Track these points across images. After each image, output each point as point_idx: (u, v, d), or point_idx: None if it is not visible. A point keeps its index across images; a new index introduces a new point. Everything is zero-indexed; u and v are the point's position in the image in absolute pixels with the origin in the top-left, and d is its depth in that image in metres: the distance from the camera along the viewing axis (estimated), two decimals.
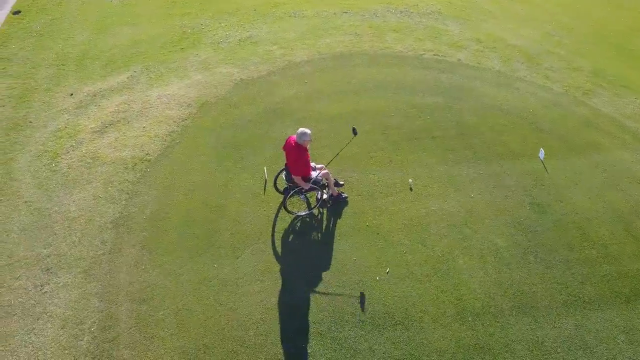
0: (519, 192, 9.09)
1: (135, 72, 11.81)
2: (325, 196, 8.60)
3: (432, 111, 10.76)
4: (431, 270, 7.82)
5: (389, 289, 7.57)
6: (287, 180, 8.23)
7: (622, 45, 14.41)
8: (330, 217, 8.59)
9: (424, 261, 7.94)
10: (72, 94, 11.14)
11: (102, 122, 10.33)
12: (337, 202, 8.75)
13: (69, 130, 10.20)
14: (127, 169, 9.35)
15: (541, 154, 9.75)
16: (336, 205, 8.72)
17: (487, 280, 7.72)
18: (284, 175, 8.32)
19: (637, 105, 11.56)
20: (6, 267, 7.80)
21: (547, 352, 6.92)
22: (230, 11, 14.35)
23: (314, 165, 8.35)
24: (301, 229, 8.42)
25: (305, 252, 8.08)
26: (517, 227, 8.50)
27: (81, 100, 10.98)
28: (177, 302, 7.37)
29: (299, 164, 7.79)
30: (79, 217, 8.52)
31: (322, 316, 7.23)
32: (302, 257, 8.00)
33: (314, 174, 8.17)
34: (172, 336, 6.99)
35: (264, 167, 9.18)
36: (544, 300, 7.50)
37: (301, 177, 7.91)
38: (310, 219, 8.55)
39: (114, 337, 6.99)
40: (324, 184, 8.48)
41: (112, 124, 10.29)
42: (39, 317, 7.20)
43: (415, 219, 8.56)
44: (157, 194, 8.91)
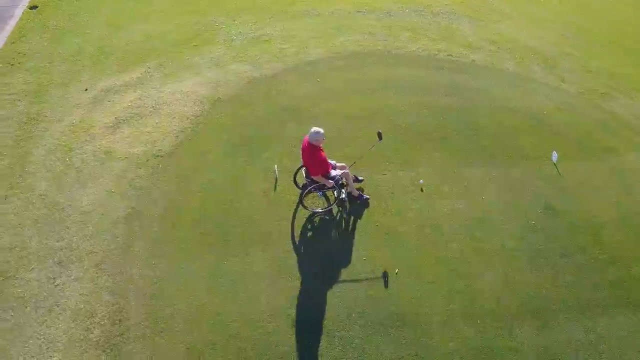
0: (531, 195, 9.02)
1: (149, 68, 11.88)
2: (343, 195, 8.58)
3: (446, 112, 10.70)
4: (441, 271, 7.80)
5: (398, 290, 7.56)
6: (306, 177, 8.25)
7: (638, 47, 14.21)
8: (339, 216, 8.60)
9: (434, 262, 7.92)
10: (86, 89, 11.24)
11: (116, 118, 10.41)
12: (356, 202, 8.69)
13: (83, 125, 10.30)
14: (139, 164, 9.42)
15: (554, 156, 9.65)
16: (350, 204, 8.70)
17: (497, 282, 7.68)
18: (303, 170, 8.32)
19: None
20: (20, 259, 7.91)
21: (555, 357, 6.87)
22: (244, 8, 14.37)
23: (334, 163, 8.34)
24: (310, 228, 8.43)
25: (314, 251, 8.10)
26: (528, 229, 8.43)
27: (95, 95, 11.07)
28: (186, 298, 7.42)
29: (313, 162, 7.80)
30: (92, 211, 8.60)
31: (331, 315, 7.25)
32: (312, 256, 8.02)
33: (334, 172, 8.16)
34: (181, 332, 7.05)
35: (275, 166, 9.20)
36: (554, 304, 7.45)
37: (321, 175, 7.91)
38: (320, 218, 8.55)
39: (124, 331, 7.07)
40: (343, 183, 8.47)
41: (126, 120, 10.37)
42: (51, 310, 7.30)
43: (426, 219, 8.54)
44: (169, 190, 8.97)
